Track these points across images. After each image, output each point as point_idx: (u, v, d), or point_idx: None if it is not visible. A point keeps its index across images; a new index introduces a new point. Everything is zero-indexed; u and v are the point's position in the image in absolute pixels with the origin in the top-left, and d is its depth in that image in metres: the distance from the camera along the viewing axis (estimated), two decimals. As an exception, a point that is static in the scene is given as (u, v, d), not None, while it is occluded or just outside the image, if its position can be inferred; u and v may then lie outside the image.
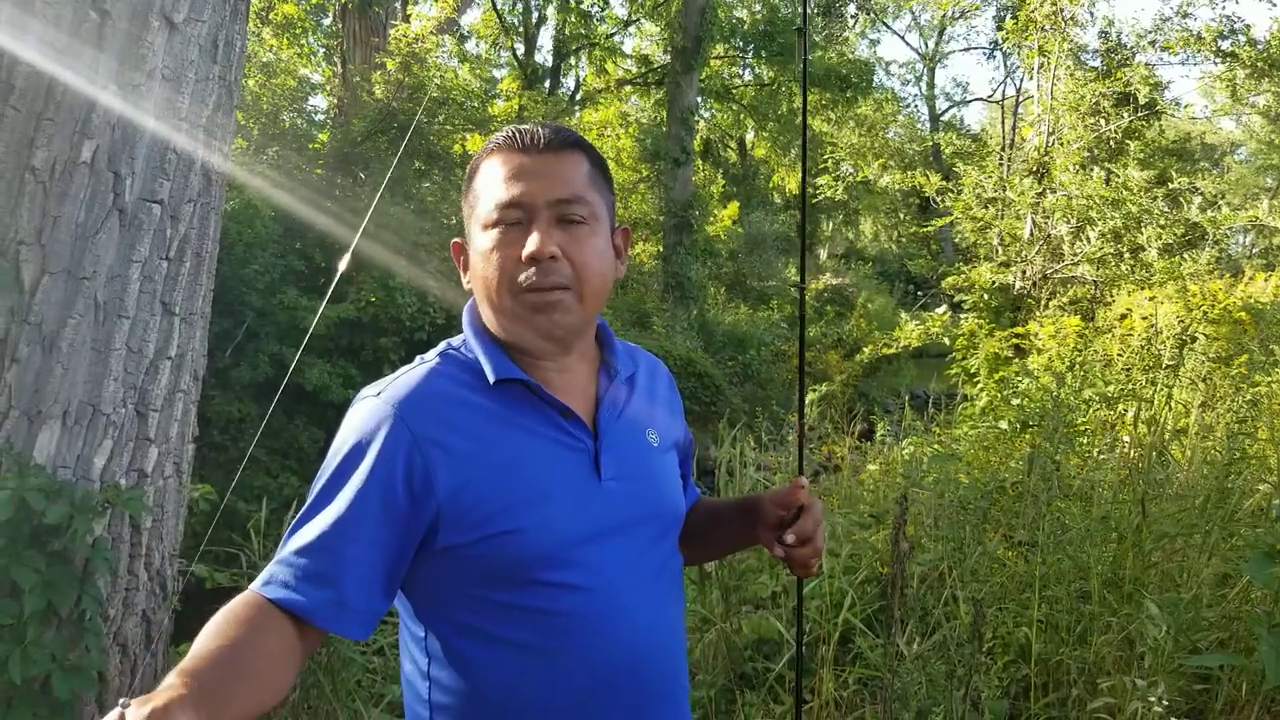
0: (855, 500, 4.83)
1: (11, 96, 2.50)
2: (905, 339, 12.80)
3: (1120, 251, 10.46)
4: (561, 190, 1.19)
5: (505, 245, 1.18)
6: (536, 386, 1.20)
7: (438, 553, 1.14)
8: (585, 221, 1.20)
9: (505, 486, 1.15)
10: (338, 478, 1.13)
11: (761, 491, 1.38)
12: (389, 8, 12.46)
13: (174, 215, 2.71)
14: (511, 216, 1.18)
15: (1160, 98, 12.22)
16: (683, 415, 1.47)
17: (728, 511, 1.48)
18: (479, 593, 1.16)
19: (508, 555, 1.14)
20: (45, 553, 2.39)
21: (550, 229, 1.17)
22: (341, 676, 2.93)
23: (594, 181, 1.24)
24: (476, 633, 1.17)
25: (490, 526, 1.13)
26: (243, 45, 2.96)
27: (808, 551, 1.29)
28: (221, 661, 0.95)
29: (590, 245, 1.20)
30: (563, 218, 1.19)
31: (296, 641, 1.06)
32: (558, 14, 19.22)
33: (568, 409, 1.21)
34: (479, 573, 1.15)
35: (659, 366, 1.46)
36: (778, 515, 1.33)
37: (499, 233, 1.19)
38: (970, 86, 45.13)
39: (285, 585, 1.08)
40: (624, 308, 13.33)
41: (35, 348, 2.49)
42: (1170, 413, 4.83)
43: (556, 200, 1.18)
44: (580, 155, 1.23)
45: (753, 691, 3.10)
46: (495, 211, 1.19)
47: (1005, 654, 3.01)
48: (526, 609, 1.15)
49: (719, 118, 22.92)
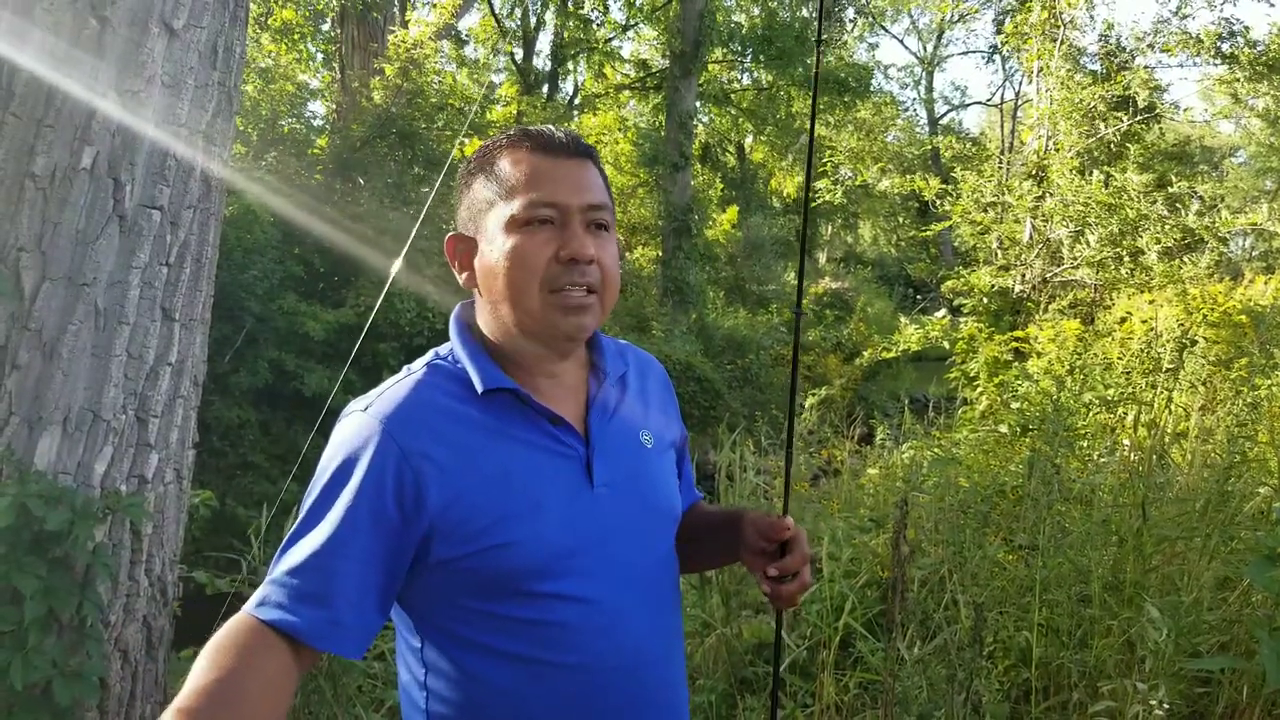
0: (855, 504, 4.83)
1: (12, 103, 2.51)
2: (905, 343, 12.82)
3: (1120, 255, 10.47)
4: (593, 196, 1.20)
5: (540, 244, 1.16)
6: (525, 395, 1.18)
7: (432, 566, 1.14)
8: (608, 228, 1.22)
9: (496, 499, 1.14)
10: (327, 495, 1.12)
11: (747, 509, 1.35)
12: (387, 13, 12.48)
13: (174, 221, 2.71)
14: (545, 215, 1.17)
15: (1159, 101, 12.22)
16: (678, 411, 1.44)
17: (715, 524, 1.44)
18: (474, 605, 1.15)
19: (501, 568, 1.13)
20: (46, 559, 2.39)
21: (587, 233, 1.18)
22: (342, 682, 2.93)
23: (608, 190, 1.25)
24: (473, 644, 1.16)
25: (483, 540, 1.12)
26: (242, 51, 2.96)
27: (793, 587, 1.27)
28: (218, 696, 0.96)
29: (611, 252, 1.22)
30: (593, 223, 1.20)
31: (292, 663, 1.06)
32: (556, 18, 19.25)
33: (557, 416, 1.20)
34: (473, 585, 1.14)
35: (650, 363, 1.44)
36: (760, 545, 1.30)
37: (532, 230, 1.17)
38: (969, 90, 45.05)
39: (279, 606, 1.07)
40: (623, 312, 13.33)
41: (35, 354, 2.49)
42: (1170, 416, 4.84)
43: (589, 205, 1.19)
44: (594, 164, 1.24)
45: (753, 696, 3.10)
46: (529, 209, 1.17)
47: (1006, 658, 3.01)
48: (522, 620, 1.15)
49: (717, 122, 22.94)
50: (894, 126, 26.12)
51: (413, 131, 10.34)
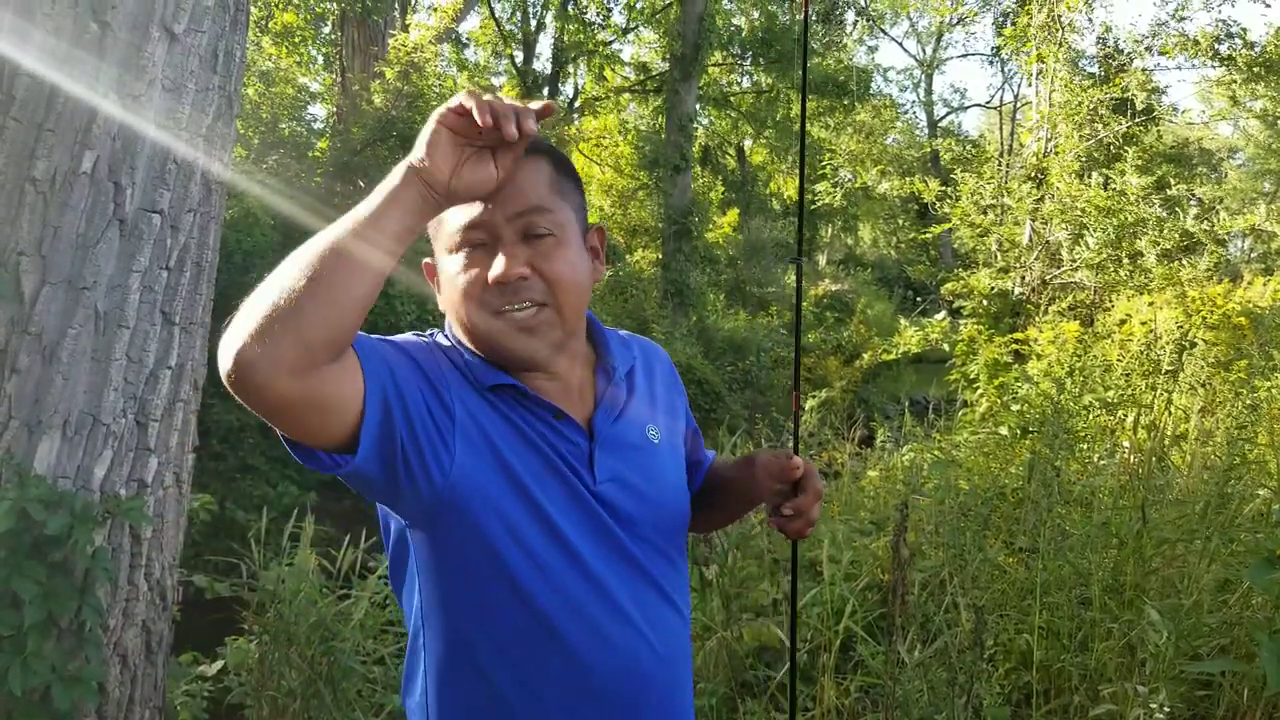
0: (856, 507, 4.83)
1: (12, 108, 2.51)
2: (905, 345, 12.84)
3: (1119, 257, 10.47)
4: (522, 202, 1.14)
5: (472, 268, 1.14)
6: (525, 390, 1.17)
7: (429, 508, 1.11)
8: (551, 233, 1.15)
9: (500, 479, 1.13)
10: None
11: (758, 454, 1.34)
12: (388, 17, 12.49)
13: (174, 225, 2.71)
14: (475, 238, 1.14)
15: (1157, 103, 12.24)
16: (685, 399, 1.44)
17: (730, 476, 1.44)
18: (477, 605, 1.14)
19: (499, 552, 1.12)
20: (45, 563, 2.39)
21: (516, 247, 1.13)
22: (342, 687, 2.93)
23: (557, 186, 1.18)
24: (476, 645, 1.15)
25: (486, 511, 1.11)
26: (242, 55, 2.96)
27: (799, 524, 1.29)
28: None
29: (560, 257, 1.16)
30: (528, 232, 1.14)
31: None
32: (556, 21, 19.26)
33: (559, 410, 1.19)
34: (472, 568, 1.13)
35: (656, 352, 1.43)
36: (773, 486, 1.31)
37: (464, 256, 1.15)
38: (968, 92, 45.21)
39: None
40: (624, 314, 13.33)
41: (35, 358, 2.49)
42: (1170, 418, 4.84)
43: (516, 214, 1.13)
44: (540, 160, 1.17)
45: (754, 699, 3.10)
46: (457, 234, 1.15)
47: (1007, 661, 3.01)
48: (523, 618, 1.14)
49: (717, 124, 22.95)
50: (893, 129, 26.15)
51: (413, 135, 10.35)
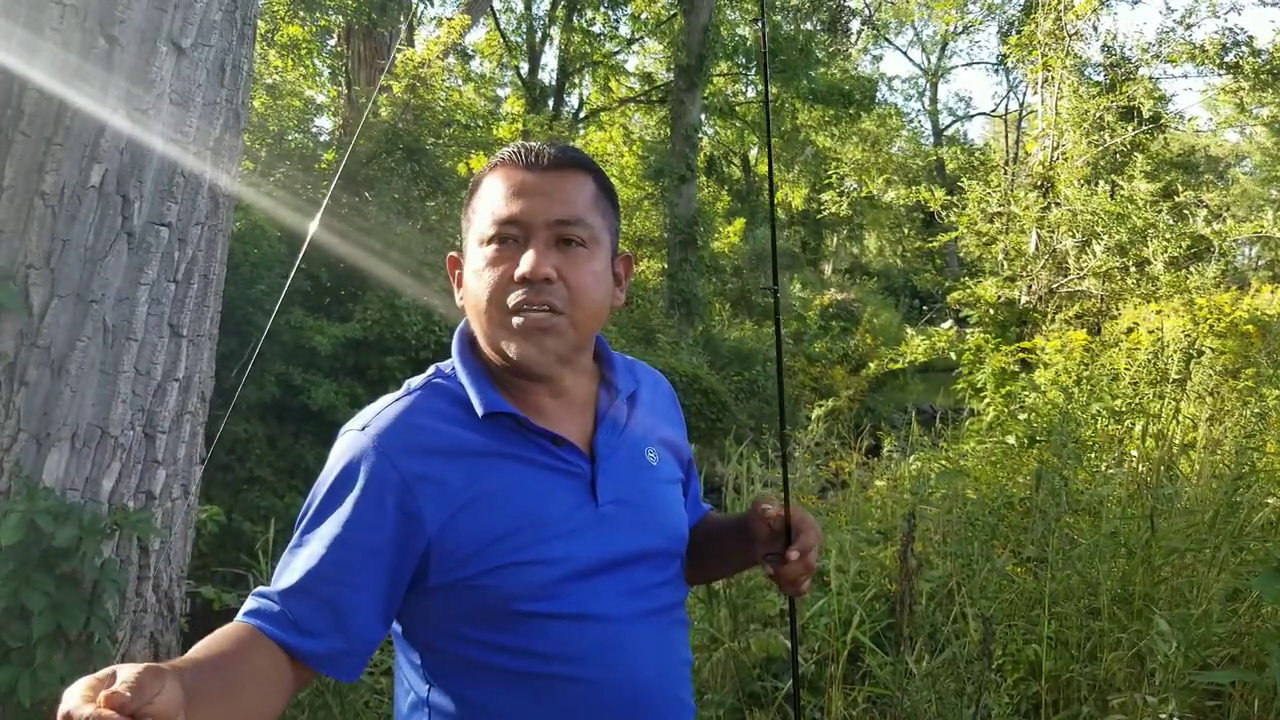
0: (863, 517, 4.81)
1: (21, 122, 2.53)
2: (911, 354, 12.81)
3: (1126, 265, 10.45)
4: (562, 210, 1.15)
5: (499, 263, 1.14)
6: (524, 420, 1.16)
7: (432, 589, 1.12)
8: (584, 244, 1.16)
9: (497, 519, 1.12)
10: (322, 514, 1.10)
11: (747, 512, 1.35)
12: (394, 30, 12.55)
13: (182, 238, 2.72)
14: (508, 233, 1.15)
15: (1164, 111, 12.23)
16: (685, 431, 1.43)
17: (726, 528, 1.44)
18: (476, 627, 1.13)
19: (503, 590, 1.11)
20: (54, 575, 2.40)
21: (547, 250, 1.14)
22: (349, 698, 2.93)
23: (598, 204, 1.20)
24: (476, 665, 1.14)
25: (484, 561, 1.11)
26: (249, 69, 2.99)
27: (799, 568, 1.28)
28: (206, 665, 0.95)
29: (587, 269, 1.16)
30: (561, 238, 1.15)
31: (287, 668, 1.05)
32: (561, 33, 19.34)
33: (559, 437, 1.18)
34: (475, 607, 1.13)
35: (660, 381, 1.42)
36: (767, 533, 1.31)
37: (494, 249, 1.15)
38: (973, 101, 45.22)
39: (272, 621, 1.06)
40: (629, 324, 13.33)
41: (44, 370, 2.51)
42: (1178, 427, 4.82)
43: (556, 220, 1.14)
44: (586, 176, 1.19)
45: (761, 710, 3.09)
46: (492, 227, 1.15)
47: (1015, 671, 2.99)
48: (524, 643, 1.13)
49: (722, 134, 23.02)
50: (899, 138, 26.18)
51: (420, 147, 10.39)
